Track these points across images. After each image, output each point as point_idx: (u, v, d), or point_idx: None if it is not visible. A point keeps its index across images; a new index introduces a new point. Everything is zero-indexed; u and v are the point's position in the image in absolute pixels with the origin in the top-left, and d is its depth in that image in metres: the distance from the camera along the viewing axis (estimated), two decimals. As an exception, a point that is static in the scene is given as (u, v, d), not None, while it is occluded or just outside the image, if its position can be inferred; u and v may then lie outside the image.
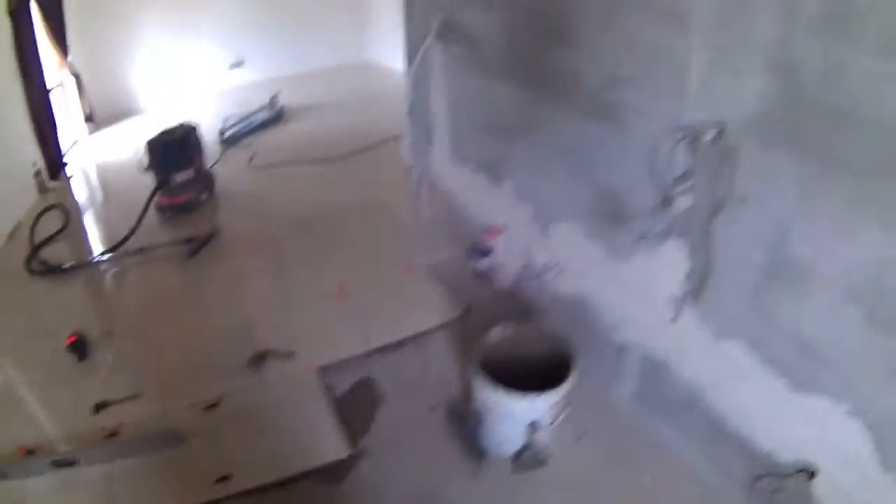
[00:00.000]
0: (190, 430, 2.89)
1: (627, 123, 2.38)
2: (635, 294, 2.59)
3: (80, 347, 3.59)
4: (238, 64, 9.20)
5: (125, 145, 6.99)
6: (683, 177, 2.12)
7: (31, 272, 4.58)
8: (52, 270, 4.58)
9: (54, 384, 3.41)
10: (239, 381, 3.16)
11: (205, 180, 5.37)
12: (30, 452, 2.94)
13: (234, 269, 4.25)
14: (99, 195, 6.10)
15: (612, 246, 2.74)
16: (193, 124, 5.38)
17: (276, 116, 7.40)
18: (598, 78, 2.55)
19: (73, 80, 7.60)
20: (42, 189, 6.09)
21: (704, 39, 1.95)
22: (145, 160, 5.13)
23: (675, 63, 2.07)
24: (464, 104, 3.73)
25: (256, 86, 8.61)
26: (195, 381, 3.24)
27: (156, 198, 5.03)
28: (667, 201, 2.21)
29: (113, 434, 3.00)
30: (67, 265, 4.57)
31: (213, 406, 3.03)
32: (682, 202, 2.13)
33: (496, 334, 2.61)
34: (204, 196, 5.30)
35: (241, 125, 6.97)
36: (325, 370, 3.15)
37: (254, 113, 7.28)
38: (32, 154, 6.16)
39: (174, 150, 5.10)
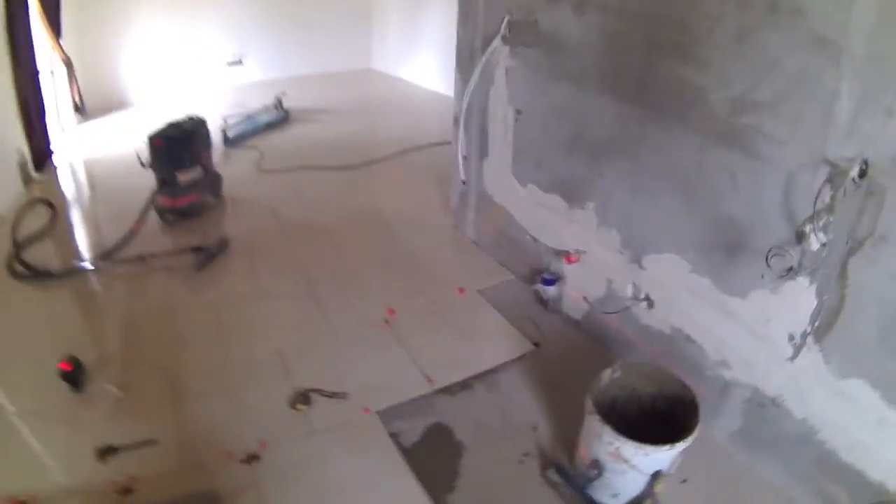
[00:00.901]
0: (227, 489, 2.40)
1: (759, 152, 2.22)
2: (748, 330, 2.45)
3: (74, 375, 3.05)
4: (237, 62, 8.88)
5: (116, 139, 6.61)
6: (820, 213, 1.99)
7: (13, 275, 4.06)
8: (38, 275, 4.05)
9: (46, 418, 2.89)
10: (282, 427, 2.69)
11: (212, 182, 4.89)
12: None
13: (254, 288, 3.78)
14: (88, 191, 5.62)
15: (724, 279, 2.53)
16: (202, 118, 4.89)
17: (282, 118, 7.03)
18: (726, 100, 2.32)
19: (63, 65, 7.17)
20: (27, 180, 5.59)
21: (857, 71, 1.82)
22: (146, 155, 4.61)
23: (821, 93, 1.93)
24: (536, 115, 3.42)
25: (255, 86, 8.36)
26: (225, 426, 2.73)
27: (157, 199, 4.55)
28: (800, 237, 2.11)
29: (126, 490, 2.45)
30: (55, 270, 4.05)
31: (253, 458, 2.54)
32: (817, 239, 2.02)
33: (607, 377, 2.38)
34: (210, 199, 4.83)
35: (246, 125, 6.58)
36: (385, 414, 2.75)
37: (258, 113, 6.90)
38: (17, 141, 5.67)
39: (180, 145, 4.58)
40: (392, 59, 9.16)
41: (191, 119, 4.87)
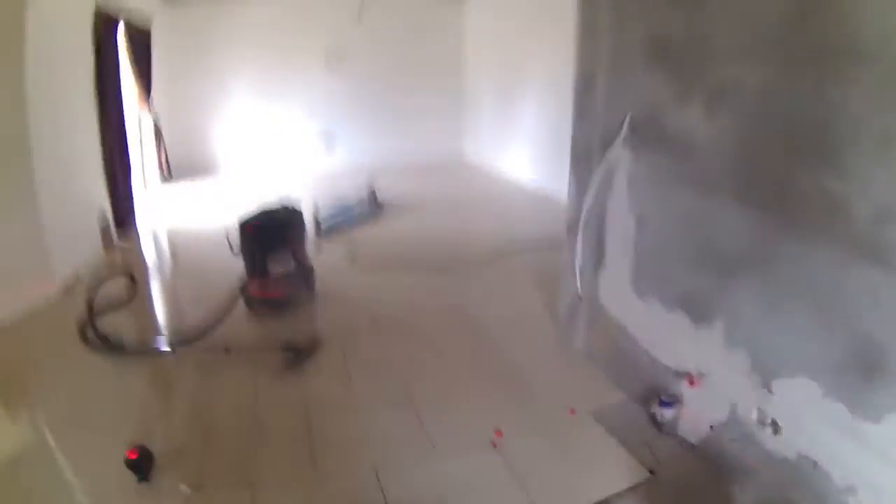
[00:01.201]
0: None
1: (905, 268, 2.00)
2: (879, 455, 2.34)
3: (141, 464, 3.08)
4: (326, 145, 9.57)
5: (201, 208, 6.98)
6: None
7: (85, 341, 4.25)
8: (112, 348, 4.19)
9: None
10: None
11: (305, 275, 4.99)
12: None
13: (347, 394, 3.74)
14: (170, 265, 5.87)
15: (858, 403, 2.41)
16: (297, 207, 5.05)
17: (376, 211, 7.30)
18: (870, 211, 2.25)
19: (151, 125, 7.67)
20: (107, 244, 5.95)
21: None
22: (236, 242, 4.79)
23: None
24: (660, 225, 3.35)
25: (345, 171, 8.75)
26: None
27: (246, 287, 4.67)
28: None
29: None
30: (130, 346, 4.19)
31: None
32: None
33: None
34: (302, 293, 4.92)
35: (341, 217, 6.83)
36: None
37: (351, 204, 7.17)
38: (100, 202, 6.05)
39: (274, 235, 4.75)
40: (485, 152, 9.52)
41: (285, 207, 4.98)
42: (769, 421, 2.84)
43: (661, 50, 3.15)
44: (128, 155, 6.73)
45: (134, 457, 3.04)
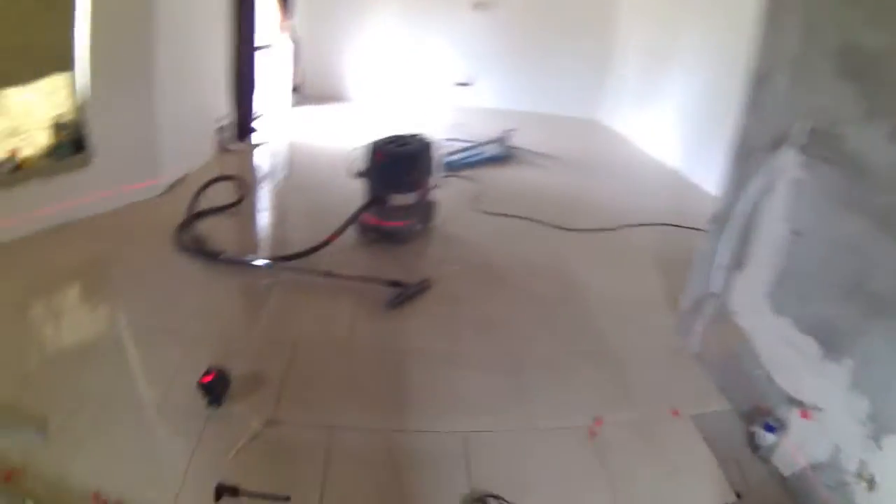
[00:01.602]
0: None
1: None
2: None
3: (215, 388, 2.96)
4: (465, 83, 9.22)
5: (325, 130, 6.99)
6: None
7: (180, 245, 4.21)
8: (205, 255, 4.13)
9: (167, 422, 2.89)
10: None
11: (425, 210, 4.83)
12: None
13: (450, 347, 3.56)
14: (283, 178, 5.85)
15: None
16: (429, 140, 4.83)
17: (506, 155, 7.02)
18: None
19: (290, 45, 7.81)
20: (222, 148, 6.07)
21: None
22: (361, 164, 4.62)
23: None
24: (815, 243, 3.05)
25: (478, 112, 8.56)
26: None
27: (363, 213, 4.53)
28: None
29: None
30: (225, 255, 4.10)
31: None
32: None
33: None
34: (420, 228, 4.75)
35: (469, 154, 6.62)
36: None
37: (480, 144, 6.93)
38: (222, 109, 6.20)
39: (403, 164, 4.54)
40: (622, 116, 9.03)
41: (417, 138, 4.79)
42: (868, 476, 2.64)
43: (855, 63, 2.86)
44: (254, 70, 6.83)
45: (209, 381, 2.94)
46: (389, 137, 4.72)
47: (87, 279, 4.19)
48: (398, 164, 4.51)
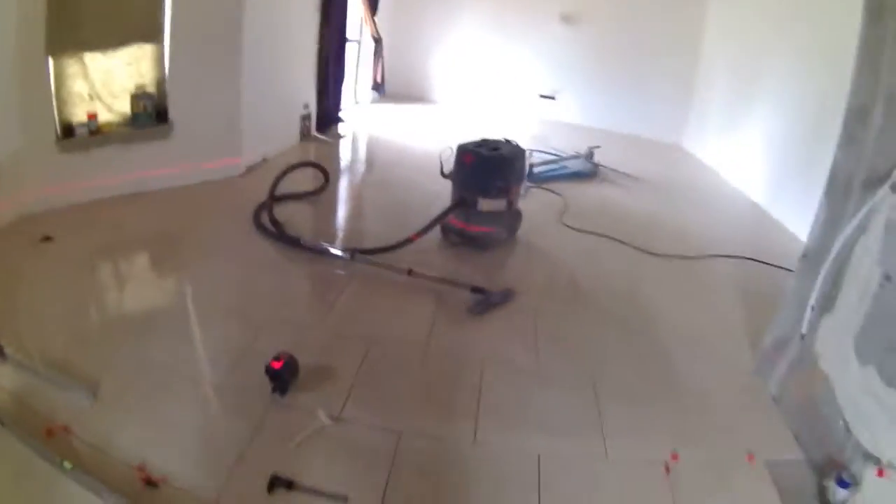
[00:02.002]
0: None
1: None
2: None
3: (283, 376, 2.84)
4: (550, 96, 9.13)
5: (407, 129, 6.98)
6: None
7: (257, 226, 4.20)
8: (284, 239, 4.09)
9: (227, 403, 2.82)
10: None
11: (511, 218, 4.66)
12: (150, 483, 2.36)
13: (530, 361, 3.42)
14: (364, 172, 5.86)
15: None
16: (521, 147, 4.71)
17: (590, 171, 6.89)
18: None
19: (372, 41, 7.84)
20: (305, 136, 6.14)
21: None
22: (450, 165, 4.52)
23: None
24: None
25: (560, 126, 8.45)
26: None
27: (448, 215, 4.42)
28: None
29: None
30: (305, 241, 4.08)
31: None
32: None
33: None
34: (504, 236, 4.62)
35: (551, 167, 6.52)
36: None
37: (565, 157, 6.84)
38: (307, 97, 6.31)
39: (494, 169, 4.39)
40: (705, 143, 8.73)
41: (509, 143, 4.68)
42: None
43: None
44: (342, 65, 6.92)
45: (278, 367, 2.83)
46: (479, 141, 4.61)
47: (158, 248, 4.19)
48: (489, 167, 4.37)
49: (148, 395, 2.81)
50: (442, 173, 4.56)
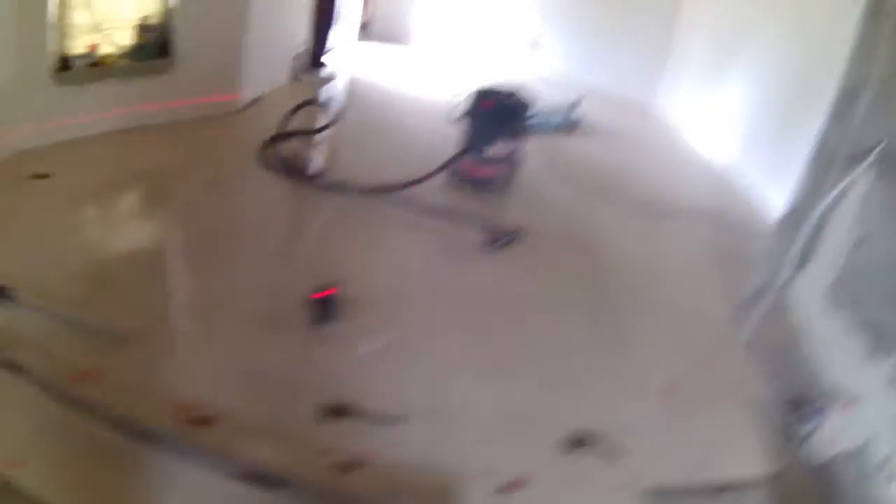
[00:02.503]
0: None
1: None
2: None
3: (325, 306, 2.93)
4: (533, 44, 9.12)
5: (395, 71, 7.22)
6: None
7: (264, 163, 4.27)
8: (297, 175, 4.18)
9: (269, 337, 2.87)
10: (550, 467, 2.56)
11: (513, 164, 4.90)
12: (197, 422, 2.37)
13: (536, 291, 3.70)
14: (358, 112, 5.90)
15: None
16: (526, 98, 4.90)
17: (571, 125, 7.05)
18: None
19: None
20: (295, 77, 6.17)
21: None
22: (461, 110, 4.72)
23: None
24: (880, 252, 3.20)
25: (540, 79, 8.15)
26: (477, 446, 2.60)
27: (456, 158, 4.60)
28: None
29: (346, 467, 2.30)
30: (320, 178, 4.19)
31: (513, 487, 2.37)
32: None
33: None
34: (507, 180, 4.84)
35: (538, 119, 6.29)
36: (656, 495, 2.52)
37: (549, 111, 6.83)
38: (299, 39, 6.37)
39: (506, 116, 4.65)
40: (680, 101, 8.67)
41: (514, 93, 4.85)
42: (892, 470, 2.72)
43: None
44: (334, 6, 6.92)
45: (321, 298, 2.94)
46: (488, 88, 4.81)
47: (162, 184, 4.18)
48: (502, 114, 4.62)
49: (182, 333, 2.84)
50: (452, 118, 4.76)
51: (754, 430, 3.13)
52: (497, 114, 4.57)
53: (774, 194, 4.86)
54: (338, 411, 2.53)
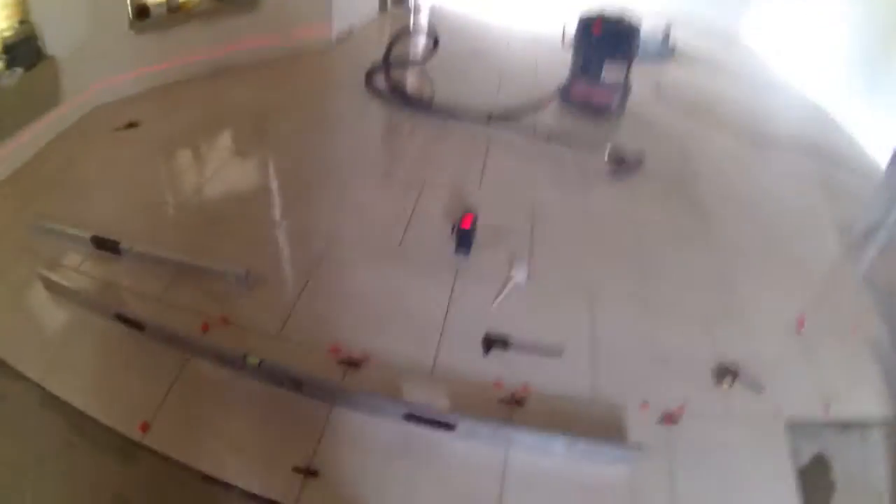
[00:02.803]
0: (636, 438, 2.32)
1: None
2: None
3: (469, 237, 2.84)
4: None
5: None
6: None
7: (370, 88, 4.21)
8: (412, 104, 4.09)
9: (413, 271, 2.81)
10: (703, 398, 2.53)
11: (625, 90, 4.65)
12: (350, 362, 2.33)
13: (671, 224, 3.48)
14: (452, 40, 5.63)
15: None
16: (636, 24, 4.62)
17: (668, 52, 6.70)
18: None
19: None
20: (382, 7, 6.03)
21: None
22: (571, 36, 4.59)
23: None
24: None
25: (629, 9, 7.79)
26: (644, 371, 2.60)
27: (570, 84, 4.51)
28: None
29: (515, 401, 2.28)
30: (437, 106, 4.08)
31: (671, 419, 2.39)
32: None
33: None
34: (617, 107, 4.61)
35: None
36: (794, 427, 2.50)
37: (645, 38, 6.22)
38: None
39: (621, 39, 4.45)
40: (767, 29, 7.96)
41: (626, 19, 4.61)
42: None
43: None
44: None
45: (467, 226, 2.84)
46: (597, 14, 4.58)
47: (264, 122, 4.06)
48: (615, 37, 4.43)
49: (310, 273, 2.75)
50: (564, 43, 4.69)
51: (876, 370, 2.93)
52: (609, 38, 4.39)
53: (872, 129, 4.64)
54: (502, 343, 2.48)
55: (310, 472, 2.07)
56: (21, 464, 2.04)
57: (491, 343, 2.45)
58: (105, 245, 2.73)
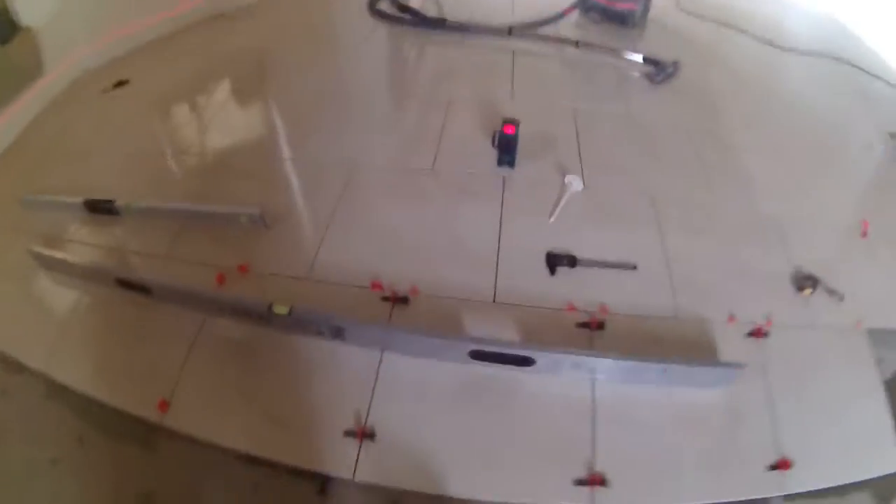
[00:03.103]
0: (728, 356, 2.16)
1: None
2: None
3: (514, 145, 2.62)
4: None
5: None
6: None
7: (380, 15, 4.04)
8: (424, 22, 3.91)
9: (454, 192, 2.59)
10: (787, 309, 2.36)
11: None
12: (397, 299, 2.15)
13: (717, 130, 3.23)
14: None
15: None
16: None
17: None
18: None
19: None
20: None
21: None
22: None
23: None
24: None
25: None
26: (730, 286, 2.40)
27: None
28: None
29: (586, 323, 2.10)
30: (451, 22, 3.85)
31: (760, 333, 2.24)
32: None
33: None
34: (642, 12, 4.33)
35: None
36: (875, 335, 2.34)
37: None
38: None
39: None
40: None
41: None
42: None
43: None
44: None
45: (511, 132, 2.60)
46: None
47: (267, 62, 3.77)
48: None
49: (334, 206, 2.52)
50: None
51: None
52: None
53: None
54: (569, 260, 2.26)
55: (365, 434, 1.83)
56: (32, 469, 1.82)
57: (556, 261, 2.20)
58: (99, 207, 2.45)
